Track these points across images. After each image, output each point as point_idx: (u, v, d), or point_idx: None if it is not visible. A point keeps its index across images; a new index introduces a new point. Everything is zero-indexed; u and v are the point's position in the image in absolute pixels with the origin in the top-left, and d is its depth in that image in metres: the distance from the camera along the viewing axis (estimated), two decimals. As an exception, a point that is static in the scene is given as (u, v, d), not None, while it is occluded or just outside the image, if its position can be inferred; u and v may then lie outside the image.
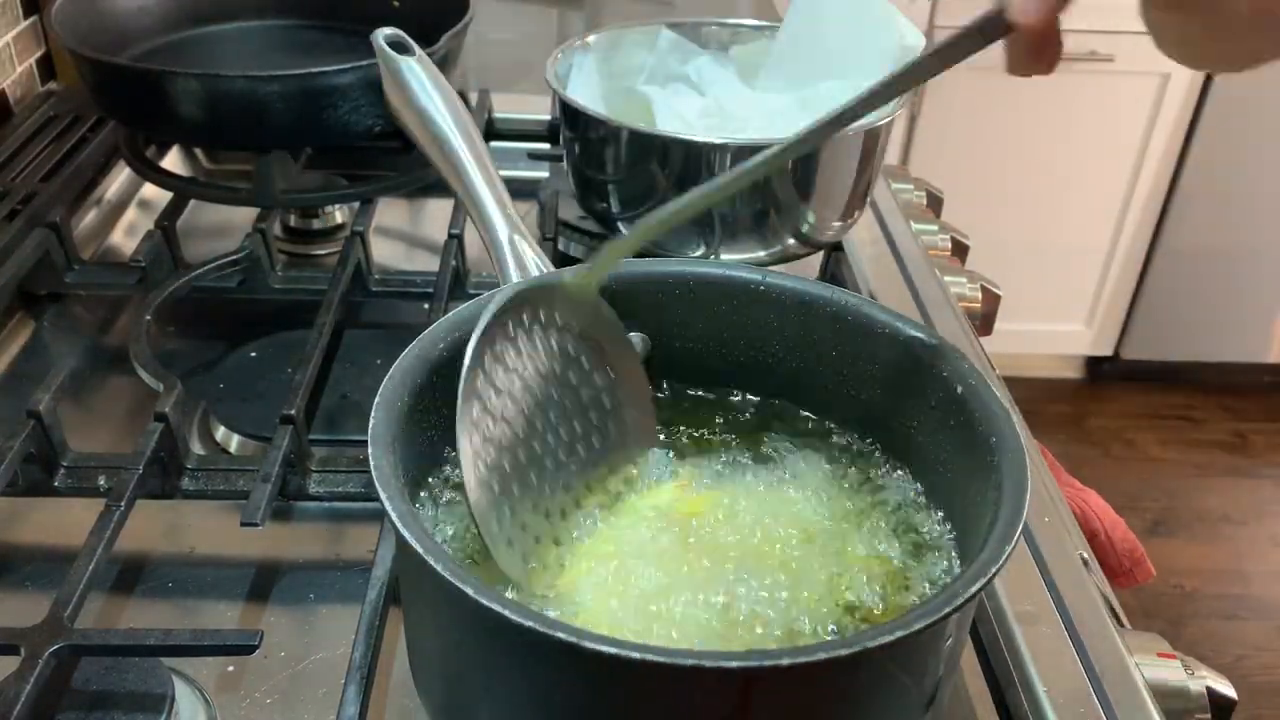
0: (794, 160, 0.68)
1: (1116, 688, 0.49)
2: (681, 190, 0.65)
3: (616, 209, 0.75)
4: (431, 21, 0.81)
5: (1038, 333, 2.38)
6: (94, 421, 0.69)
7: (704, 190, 0.44)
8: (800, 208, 0.71)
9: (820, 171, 0.71)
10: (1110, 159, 2.21)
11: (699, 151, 0.69)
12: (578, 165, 0.76)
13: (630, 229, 0.48)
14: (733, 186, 0.44)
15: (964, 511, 0.44)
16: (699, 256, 0.73)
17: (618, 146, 0.71)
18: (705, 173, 0.69)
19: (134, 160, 0.84)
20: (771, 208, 0.71)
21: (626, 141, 0.71)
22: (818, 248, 0.77)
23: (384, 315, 0.80)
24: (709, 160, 0.68)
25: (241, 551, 0.58)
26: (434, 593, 0.37)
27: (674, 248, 0.73)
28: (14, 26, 0.99)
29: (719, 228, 0.71)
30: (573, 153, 0.76)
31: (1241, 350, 2.44)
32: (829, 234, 0.75)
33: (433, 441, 0.46)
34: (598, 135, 0.72)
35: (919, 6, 2.02)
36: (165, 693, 0.46)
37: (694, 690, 0.34)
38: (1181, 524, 2.16)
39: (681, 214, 0.45)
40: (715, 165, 0.68)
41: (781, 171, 0.69)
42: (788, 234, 0.73)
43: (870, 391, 0.49)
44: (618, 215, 0.75)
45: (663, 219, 0.45)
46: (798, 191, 0.71)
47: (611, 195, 0.75)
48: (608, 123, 0.71)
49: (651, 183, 0.71)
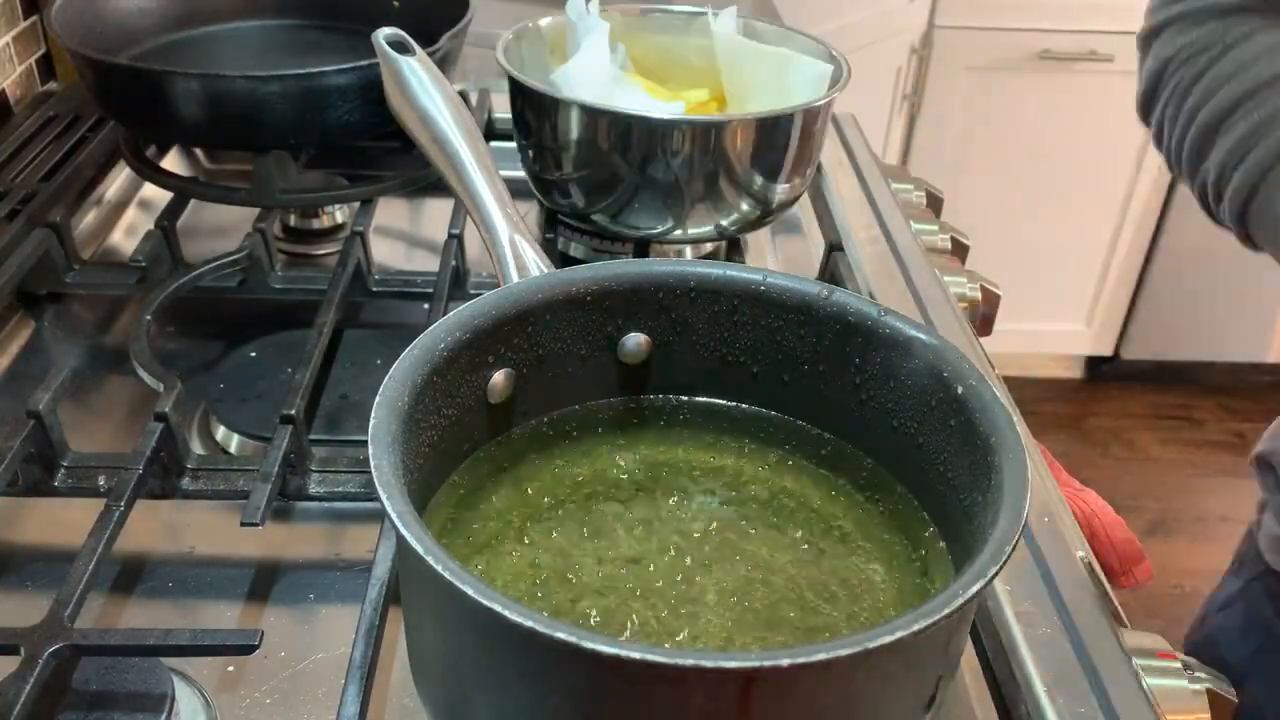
0: (741, 135, 0.71)
1: (1116, 688, 0.49)
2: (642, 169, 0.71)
3: (574, 197, 0.77)
4: (431, 21, 0.81)
5: (1038, 333, 2.38)
6: (94, 421, 0.69)
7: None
8: (750, 176, 0.74)
9: (765, 145, 0.73)
10: (1110, 159, 2.21)
11: (648, 128, 0.70)
12: (531, 151, 0.78)
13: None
14: None
15: (964, 512, 0.44)
16: (663, 231, 0.76)
17: (566, 124, 0.73)
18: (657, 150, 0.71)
19: (134, 160, 0.84)
20: (723, 177, 0.73)
21: (577, 119, 0.72)
22: (769, 212, 0.80)
23: (384, 315, 0.80)
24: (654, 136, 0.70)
25: (241, 551, 0.58)
26: (434, 593, 0.37)
27: (639, 225, 0.75)
28: (14, 26, 0.99)
29: (683, 200, 0.74)
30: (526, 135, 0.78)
31: (1241, 350, 2.44)
32: (777, 200, 0.78)
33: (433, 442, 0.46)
34: (546, 113, 0.73)
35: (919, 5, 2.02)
36: (165, 693, 0.46)
37: (693, 690, 0.34)
38: (1181, 524, 2.17)
39: None
40: (662, 141, 0.70)
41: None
42: (741, 202, 0.76)
43: (869, 391, 0.49)
44: (574, 204, 0.77)
45: None
46: (747, 163, 0.73)
47: (568, 180, 0.76)
48: (555, 98, 0.72)
49: (602, 162, 0.73)
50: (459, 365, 0.46)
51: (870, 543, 0.47)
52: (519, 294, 0.49)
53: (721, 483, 0.50)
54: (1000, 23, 2.05)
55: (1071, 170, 2.20)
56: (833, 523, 0.48)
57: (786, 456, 0.51)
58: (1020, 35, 2.05)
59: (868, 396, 0.49)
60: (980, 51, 2.07)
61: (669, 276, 0.51)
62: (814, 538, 0.47)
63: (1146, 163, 2.19)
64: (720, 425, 0.53)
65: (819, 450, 0.51)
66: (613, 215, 0.76)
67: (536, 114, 0.75)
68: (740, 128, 0.71)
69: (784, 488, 0.50)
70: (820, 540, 0.47)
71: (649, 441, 0.52)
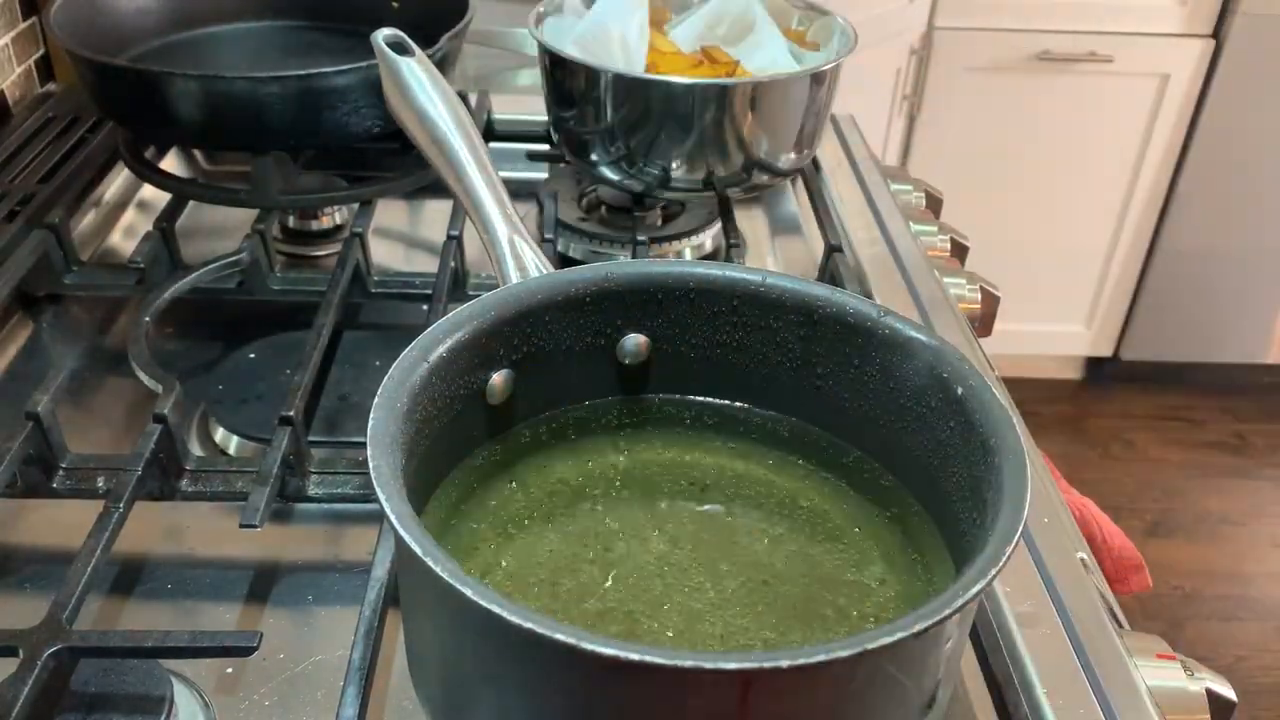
0: (749, 96, 0.76)
1: (1116, 689, 0.49)
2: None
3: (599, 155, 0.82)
4: (431, 22, 0.81)
5: (1038, 333, 2.38)
6: (93, 423, 0.69)
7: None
8: (756, 135, 0.79)
9: (771, 109, 0.78)
10: (1110, 159, 2.20)
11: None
12: (560, 114, 0.83)
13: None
14: None
15: (963, 513, 0.44)
16: (664, 174, 0.80)
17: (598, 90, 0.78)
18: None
19: (133, 161, 0.84)
20: (731, 136, 0.78)
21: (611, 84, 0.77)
22: (776, 175, 0.84)
23: (383, 316, 0.80)
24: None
25: (240, 553, 0.58)
26: (433, 594, 0.37)
27: (647, 167, 0.80)
28: (13, 27, 0.99)
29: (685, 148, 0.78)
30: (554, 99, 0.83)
31: (1241, 350, 2.44)
32: (784, 165, 0.83)
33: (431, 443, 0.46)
34: (574, 80, 0.79)
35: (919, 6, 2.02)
36: (164, 694, 0.46)
37: (693, 691, 0.34)
38: (1181, 525, 2.16)
39: None
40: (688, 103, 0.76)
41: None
42: (748, 160, 0.80)
43: (869, 392, 0.49)
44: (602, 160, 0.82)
45: None
46: (754, 124, 0.78)
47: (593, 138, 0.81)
48: (585, 66, 0.77)
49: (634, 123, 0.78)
50: (458, 366, 0.46)
51: (871, 543, 0.47)
52: (518, 295, 0.49)
53: (721, 483, 0.50)
54: (1000, 23, 2.05)
55: (1071, 171, 2.20)
56: (833, 523, 0.48)
57: (786, 457, 0.51)
58: (1020, 35, 2.05)
59: (867, 397, 0.49)
60: (980, 52, 2.07)
61: (668, 277, 0.51)
62: (814, 538, 0.47)
63: (1146, 163, 2.19)
64: (719, 426, 0.53)
65: (819, 451, 0.51)
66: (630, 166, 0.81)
67: (564, 78, 0.80)
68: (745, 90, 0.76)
69: (784, 488, 0.50)
70: (821, 541, 0.47)
71: (648, 442, 0.52)
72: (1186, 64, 2.09)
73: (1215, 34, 2.07)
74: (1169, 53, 2.08)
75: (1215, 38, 2.07)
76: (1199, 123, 2.14)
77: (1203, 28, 2.06)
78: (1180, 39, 2.07)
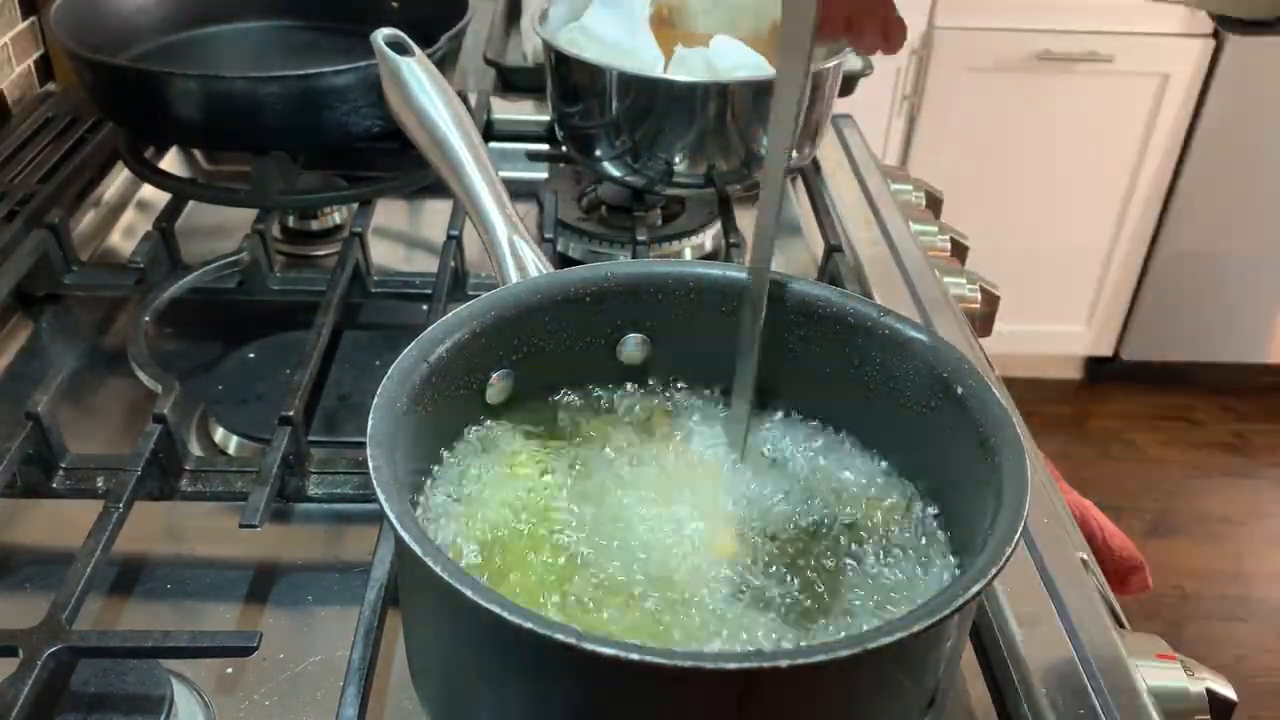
0: (748, 94, 0.76)
1: (1116, 689, 0.49)
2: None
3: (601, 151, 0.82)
4: (430, 22, 0.81)
5: (1037, 333, 2.37)
6: (92, 423, 0.69)
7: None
8: (758, 133, 0.79)
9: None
10: (1110, 159, 2.20)
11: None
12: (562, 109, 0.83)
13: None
14: None
15: (963, 512, 0.44)
16: (666, 171, 0.81)
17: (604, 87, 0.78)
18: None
19: (132, 161, 0.84)
20: (733, 131, 0.78)
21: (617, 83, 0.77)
22: None
23: (383, 316, 0.80)
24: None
25: (240, 553, 0.58)
26: (432, 594, 0.37)
27: (650, 162, 0.80)
28: (12, 27, 0.99)
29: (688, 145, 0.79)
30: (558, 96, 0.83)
31: (1241, 350, 2.44)
32: None
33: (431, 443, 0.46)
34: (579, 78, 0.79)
35: (919, 7, 2.02)
36: (164, 694, 0.46)
37: (692, 691, 0.34)
38: (1181, 525, 2.16)
39: None
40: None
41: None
42: (749, 156, 0.81)
43: (869, 392, 0.49)
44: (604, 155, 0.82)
45: None
46: (756, 122, 0.79)
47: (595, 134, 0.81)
48: (590, 65, 0.77)
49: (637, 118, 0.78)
50: (457, 366, 0.46)
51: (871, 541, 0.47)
52: (518, 295, 0.49)
53: (723, 482, 0.50)
54: (1000, 23, 2.05)
55: (1071, 171, 2.20)
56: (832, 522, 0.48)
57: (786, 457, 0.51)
58: (1020, 35, 2.05)
59: (867, 397, 0.49)
60: (980, 52, 2.07)
61: (668, 277, 0.51)
62: (815, 536, 0.47)
63: (1146, 163, 2.19)
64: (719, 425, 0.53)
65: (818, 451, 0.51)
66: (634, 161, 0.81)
67: (566, 75, 0.81)
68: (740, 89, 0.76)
69: (784, 488, 0.49)
70: (821, 538, 0.47)
71: (648, 442, 0.52)
72: (1186, 64, 2.09)
73: (1215, 34, 2.06)
74: (1169, 53, 2.08)
75: (1215, 38, 2.07)
76: (1199, 123, 2.14)
77: (1203, 28, 2.06)
78: (1180, 39, 2.07)
